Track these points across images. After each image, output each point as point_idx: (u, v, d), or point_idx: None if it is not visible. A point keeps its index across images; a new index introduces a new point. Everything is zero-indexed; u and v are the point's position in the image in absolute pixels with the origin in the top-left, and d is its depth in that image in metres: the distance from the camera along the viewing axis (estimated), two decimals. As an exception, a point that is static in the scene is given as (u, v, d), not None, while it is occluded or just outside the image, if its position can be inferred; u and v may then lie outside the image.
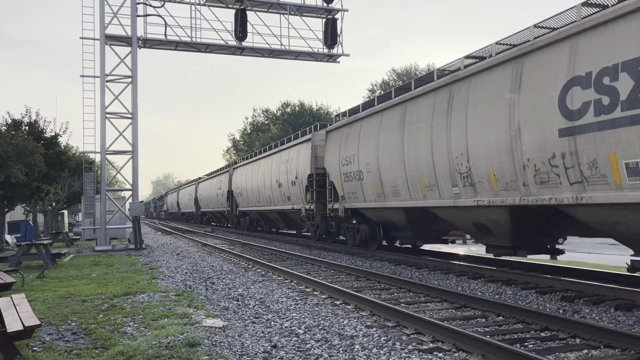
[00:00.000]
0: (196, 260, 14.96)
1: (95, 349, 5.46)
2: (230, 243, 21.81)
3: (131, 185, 20.10)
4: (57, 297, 8.60)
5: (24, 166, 17.38)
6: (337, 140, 16.16)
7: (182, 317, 6.86)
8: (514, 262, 11.22)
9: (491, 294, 8.62)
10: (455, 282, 9.89)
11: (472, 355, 5.11)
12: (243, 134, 68.45)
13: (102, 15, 19.34)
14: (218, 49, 20.75)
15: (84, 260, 15.31)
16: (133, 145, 19.90)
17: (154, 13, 19.65)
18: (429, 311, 7.33)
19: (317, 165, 17.77)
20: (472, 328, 6.24)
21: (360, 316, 7.05)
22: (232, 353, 5.22)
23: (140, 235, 19.76)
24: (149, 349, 5.25)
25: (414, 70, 54.71)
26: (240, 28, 19.93)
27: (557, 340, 5.71)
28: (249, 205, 27.85)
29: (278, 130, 54.95)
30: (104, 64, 19.33)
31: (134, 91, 19.77)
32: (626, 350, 5.17)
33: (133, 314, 7.16)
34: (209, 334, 5.95)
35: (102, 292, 9.12)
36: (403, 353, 5.20)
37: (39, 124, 22.39)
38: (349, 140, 15.29)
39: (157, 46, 20.70)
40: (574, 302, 7.64)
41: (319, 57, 21.57)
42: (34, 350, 5.47)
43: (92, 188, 21.38)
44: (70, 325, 6.56)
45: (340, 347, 5.48)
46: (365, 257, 14.43)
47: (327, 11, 21.15)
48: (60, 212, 33.70)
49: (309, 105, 57.04)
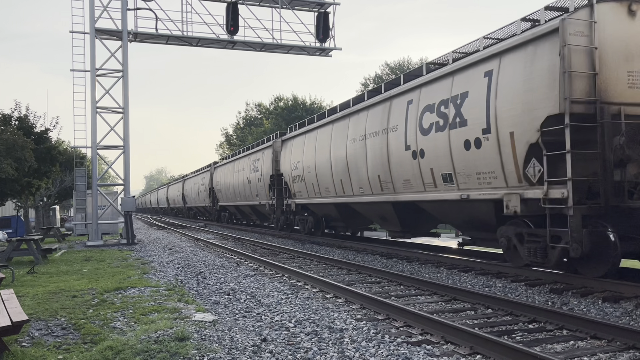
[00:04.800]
0: (188, 255, 14.94)
1: (84, 344, 5.45)
2: (222, 237, 21.80)
3: (123, 180, 20.02)
4: (47, 293, 8.57)
5: (14, 161, 17.28)
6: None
7: (172, 311, 6.86)
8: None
9: (481, 286, 8.67)
10: (446, 275, 9.95)
11: (460, 347, 5.15)
12: (236, 128, 68.24)
13: (92, 8, 19.18)
14: (209, 43, 20.66)
15: (75, 256, 15.25)
16: (124, 140, 19.80)
17: (145, 7, 19.53)
18: (418, 304, 7.37)
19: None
20: (461, 320, 6.29)
21: (351, 309, 7.08)
22: (222, 347, 5.23)
23: (133, 230, 19.70)
24: (138, 343, 5.25)
25: (407, 64, 54.67)
26: (232, 22, 19.85)
27: (545, 332, 5.77)
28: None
29: (271, 125, 54.80)
30: (94, 58, 19.19)
31: (125, 85, 19.64)
32: (612, 342, 5.22)
33: (123, 309, 7.15)
34: (198, 328, 5.96)
35: (92, 287, 9.10)
36: (392, 346, 5.23)
37: (29, 119, 22.26)
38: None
39: (148, 40, 20.58)
40: (563, 294, 7.71)
41: (311, 51, 21.54)
42: (22, 345, 5.46)
43: (84, 183, 21.28)
44: (59, 321, 6.54)
45: (329, 340, 5.50)
46: (357, 251, 14.48)
47: (319, 4, 21.08)
48: (52, 207, 33.54)
49: (302, 99, 56.92)
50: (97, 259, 14.11)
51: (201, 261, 13.20)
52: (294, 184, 18.92)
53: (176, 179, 63.69)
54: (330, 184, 15.83)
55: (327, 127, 16.25)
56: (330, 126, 15.98)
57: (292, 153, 19.13)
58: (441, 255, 11.88)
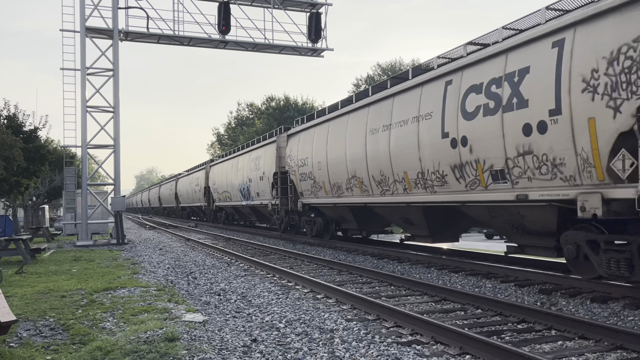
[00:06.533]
0: (179, 255, 14.89)
1: (73, 345, 5.41)
2: (213, 238, 21.73)
3: (113, 179, 19.89)
4: (36, 293, 8.50)
5: (2, 160, 17.12)
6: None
7: (162, 312, 6.83)
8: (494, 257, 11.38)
9: (471, 287, 8.72)
10: (436, 276, 9.99)
11: (450, 347, 5.17)
12: (227, 128, 68.05)
13: (83, 7, 19.04)
14: (201, 43, 20.59)
15: (64, 256, 15.13)
16: (115, 139, 19.67)
17: (136, 5, 19.42)
18: (409, 304, 7.39)
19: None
20: (451, 321, 6.32)
21: (341, 310, 7.09)
22: (212, 347, 5.22)
23: (123, 230, 19.59)
24: (127, 344, 5.22)
25: (399, 65, 54.81)
26: (224, 21, 19.79)
27: (534, 332, 5.81)
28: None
29: (263, 125, 54.70)
30: (84, 56, 19.05)
31: (115, 84, 19.52)
32: (600, 342, 5.27)
33: (113, 309, 7.11)
34: (188, 328, 5.94)
35: (82, 287, 9.03)
36: (382, 346, 5.24)
37: (18, 117, 22.05)
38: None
39: (139, 39, 20.47)
40: (552, 294, 7.77)
41: (303, 52, 21.53)
42: (10, 346, 5.41)
43: (73, 182, 21.13)
44: (48, 321, 6.49)
45: (320, 340, 5.50)
46: (349, 251, 14.50)
47: (311, 5, 21.09)
48: (41, 206, 33.27)
49: (294, 99, 56.88)
50: (87, 259, 14.01)
51: (192, 261, 13.15)
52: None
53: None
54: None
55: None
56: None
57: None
58: (432, 256, 11.92)
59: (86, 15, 19.07)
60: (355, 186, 13.50)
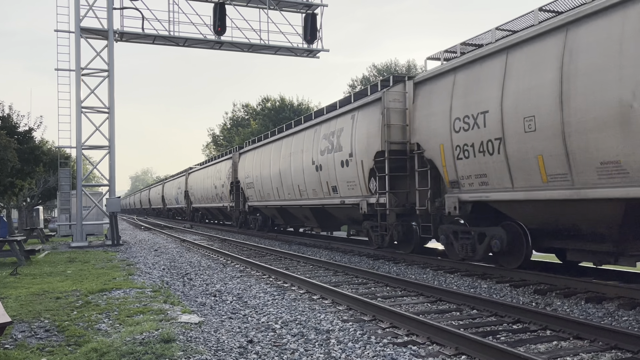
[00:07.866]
0: (174, 256, 14.85)
1: (68, 346, 5.39)
2: (209, 239, 21.69)
3: (108, 180, 19.83)
4: (31, 294, 8.47)
5: (-3, 161, 17.03)
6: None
7: (157, 313, 6.81)
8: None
9: (466, 287, 8.74)
10: (432, 276, 10.01)
11: (446, 348, 5.19)
12: (223, 129, 67.90)
13: (77, 7, 18.98)
14: (196, 43, 20.55)
15: (59, 257, 15.07)
16: (110, 140, 19.62)
17: (131, 6, 19.36)
18: (405, 305, 7.41)
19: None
20: (447, 321, 6.34)
21: (337, 310, 7.09)
22: (207, 348, 5.21)
23: (118, 231, 19.53)
24: (123, 345, 5.21)
25: (394, 65, 54.87)
26: (219, 22, 19.76)
27: (529, 332, 5.84)
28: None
29: (258, 126, 54.63)
30: (79, 57, 18.98)
31: (110, 85, 19.46)
32: (595, 342, 5.30)
33: (108, 310, 7.09)
34: (184, 329, 5.93)
35: (76, 288, 9.00)
36: (378, 347, 5.25)
37: (12, 118, 21.93)
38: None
39: (134, 40, 20.41)
40: (546, 295, 7.80)
41: (298, 52, 21.54)
42: (5, 347, 5.39)
43: (68, 183, 21.03)
44: (43, 323, 6.47)
45: (316, 341, 5.51)
46: (344, 252, 14.51)
47: (307, 6, 21.10)
48: (35, 208, 33.11)
49: (290, 100, 56.84)
50: (82, 260, 13.95)
51: (187, 262, 13.12)
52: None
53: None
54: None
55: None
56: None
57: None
58: (427, 257, 11.95)
59: (81, 16, 19.02)
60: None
